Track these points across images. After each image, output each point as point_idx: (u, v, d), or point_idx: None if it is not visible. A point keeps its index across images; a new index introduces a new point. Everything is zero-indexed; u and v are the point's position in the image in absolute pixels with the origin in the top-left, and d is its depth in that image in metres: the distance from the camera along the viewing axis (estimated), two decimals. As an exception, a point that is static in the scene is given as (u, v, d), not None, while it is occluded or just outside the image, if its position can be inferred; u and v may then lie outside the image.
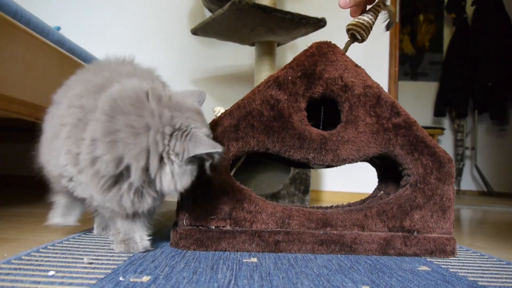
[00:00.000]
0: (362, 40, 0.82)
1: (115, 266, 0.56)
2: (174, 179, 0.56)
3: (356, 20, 0.81)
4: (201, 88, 2.38)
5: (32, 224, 0.93)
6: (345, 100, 0.79)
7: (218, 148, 0.56)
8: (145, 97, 0.55)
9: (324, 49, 0.80)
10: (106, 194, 0.56)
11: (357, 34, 0.81)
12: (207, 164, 0.59)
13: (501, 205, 2.66)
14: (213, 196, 0.73)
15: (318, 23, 1.65)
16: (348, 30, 0.82)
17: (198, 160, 0.58)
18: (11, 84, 0.87)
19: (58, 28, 1.63)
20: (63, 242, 0.71)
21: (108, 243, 0.71)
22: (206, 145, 0.55)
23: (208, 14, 2.31)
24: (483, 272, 0.66)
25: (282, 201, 1.63)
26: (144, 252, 0.66)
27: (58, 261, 0.58)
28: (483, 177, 3.98)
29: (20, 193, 1.69)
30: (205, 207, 0.72)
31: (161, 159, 0.55)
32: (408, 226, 0.78)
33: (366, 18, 0.81)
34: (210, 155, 0.58)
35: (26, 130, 1.64)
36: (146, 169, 0.54)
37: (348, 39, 0.83)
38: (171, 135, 0.55)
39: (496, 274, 0.65)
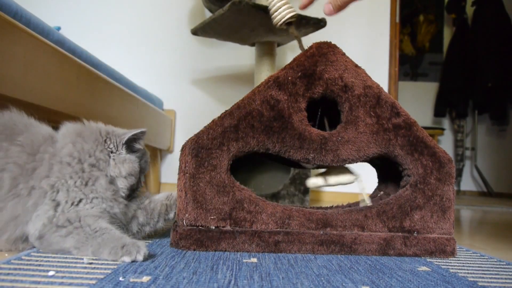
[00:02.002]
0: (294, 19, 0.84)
1: (115, 266, 0.56)
2: (117, 166, 0.71)
3: (286, 10, 0.82)
4: (201, 88, 2.38)
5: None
6: (345, 101, 0.79)
7: (139, 130, 0.74)
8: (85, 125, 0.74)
9: (324, 50, 0.80)
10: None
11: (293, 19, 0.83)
12: (139, 145, 0.75)
13: (501, 205, 2.66)
14: (213, 196, 0.73)
15: (318, 23, 1.65)
16: (290, 23, 0.84)
17: (134, 151, 0.75)
18: (11, 84, 0.87)
19: (58, 28, 1.63)
20: (63, 242, 0.71)
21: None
22: (129, 132, 0.73)
23: (208, 14, 2.31)
24: (483, 272, 0.66)
25: (282, 201, 1.63)
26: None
27: (58, 261, 0.58)
28: (483, 178, 3.98)
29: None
30: (205, 207, 0.72)
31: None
32: (408, 226, 0.78)
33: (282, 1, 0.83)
34: (138, 138, 0.75)
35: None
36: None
37: (292, 32, 0.85)
38: (105, 139, 0.73)
39: (496, 274, 0.66)
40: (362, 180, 0.83)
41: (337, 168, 0.83)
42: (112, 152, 0.72)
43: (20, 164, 0.62)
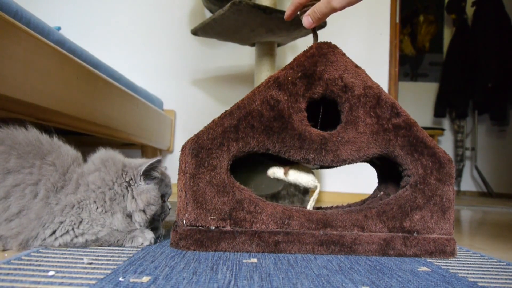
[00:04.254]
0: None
1: (115, 267, 0.56)
2: (134, 199, 0.72)
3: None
4: (201, 88, 2.38)
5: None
6: (345, 101, 0.79)
7: (155, 159, 0.75)
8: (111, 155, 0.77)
9: (324, 50, 0.80)
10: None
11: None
12: (156, 173, 0.76)
13: (501, 206, 2.66)
14: (213, 196, 0.73)
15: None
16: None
17: (152, 179, 0.76)
18: (11, 84, 0.87)
19: (59, 28, 1.63)
20: (63, 242, 0.71)
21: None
22: (145, 162, 0.74)
23: (208, 14, 2.32)
24: (483, 273, 0.66)
25: (282, 202, 1.63)
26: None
27: (58, 261, 0.58)
28: (483, 178, 3.98)
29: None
30: (205, 207, 0.72)
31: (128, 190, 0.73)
32: (408, 226, 0.78)
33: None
34: (154, 167, 0.76)
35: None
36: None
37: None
38: (122, 173, 0.74)
39: (496, 275, 0.65)
40: (317, 192, 0.84)
41: (302, 167, 0.83)
42: (130, 185, 0.73)
43: (52, 181, 0.68)
